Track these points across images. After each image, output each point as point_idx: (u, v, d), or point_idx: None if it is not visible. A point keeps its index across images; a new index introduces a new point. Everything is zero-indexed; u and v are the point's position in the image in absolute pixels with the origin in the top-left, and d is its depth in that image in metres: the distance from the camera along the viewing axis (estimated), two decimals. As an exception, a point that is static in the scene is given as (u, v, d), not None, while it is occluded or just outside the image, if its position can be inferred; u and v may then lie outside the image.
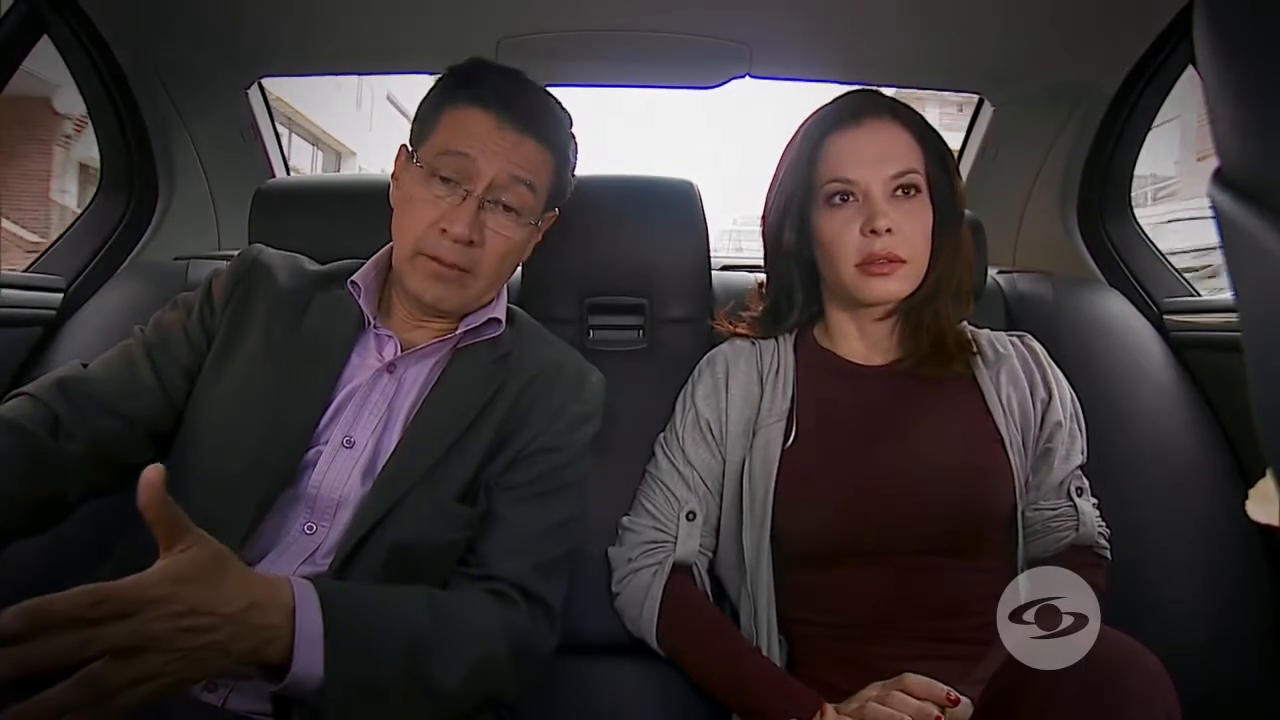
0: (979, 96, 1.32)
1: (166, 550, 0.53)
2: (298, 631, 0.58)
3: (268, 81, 1.34)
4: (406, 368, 0.80)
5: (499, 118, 0.77)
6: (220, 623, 0.54)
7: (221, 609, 0.54)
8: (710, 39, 1.13)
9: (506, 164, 0.77)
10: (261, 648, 0.57)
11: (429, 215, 0.76)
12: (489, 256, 0.78)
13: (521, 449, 0.79)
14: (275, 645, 0.57)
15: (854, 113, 0.85)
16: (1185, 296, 1.17)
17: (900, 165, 0.83)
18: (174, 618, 0.51)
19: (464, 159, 0.76)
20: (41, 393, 0.72)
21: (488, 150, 0.76)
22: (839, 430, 0.86)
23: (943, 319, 0.86)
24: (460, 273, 0.77)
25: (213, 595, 0.54)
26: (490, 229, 0.77)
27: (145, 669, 0.50)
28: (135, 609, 0.50)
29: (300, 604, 0.59)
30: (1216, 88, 0.26)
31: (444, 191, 0.76)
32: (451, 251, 0.76)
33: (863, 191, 0.83)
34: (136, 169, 1.23)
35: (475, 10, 1.08)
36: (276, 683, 0.58)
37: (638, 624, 0.87)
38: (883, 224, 0.81)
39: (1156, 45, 1.07)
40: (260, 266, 0.84)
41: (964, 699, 0.68)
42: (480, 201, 0.76)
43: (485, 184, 0.76)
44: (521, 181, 0.78)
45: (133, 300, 1.09)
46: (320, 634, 0.59)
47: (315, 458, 0.75)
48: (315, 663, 0.58)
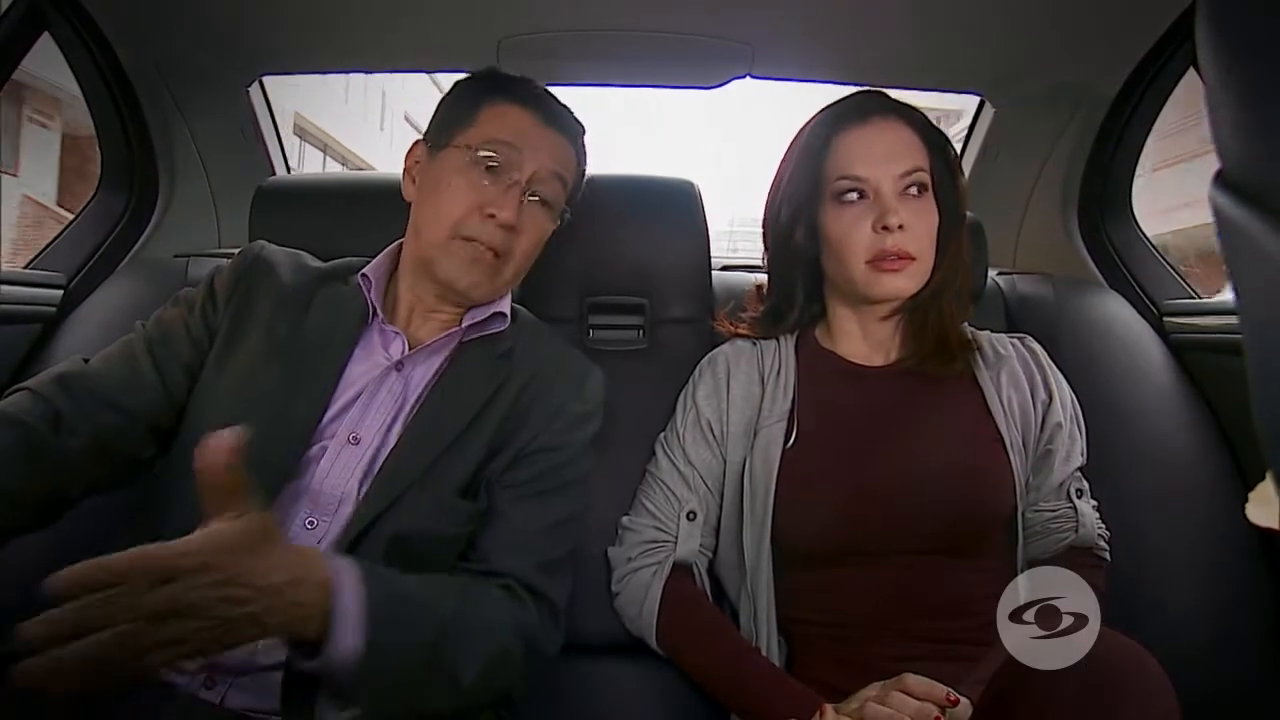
0: (979, 98, 1.32)
1: (214, 515, 0.53)
2: (336, 609, 0.58)
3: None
4: (414, 366, 0.81)
5: (541, 117, 0.82)
6: (256, 595, 0.53)
7: (259, 581, 0.54)
8: (711, 39, 1.13)
9: (548, 159, 0.81)
10: (297, 623, 0.57)
11: (472, 200, 0.78)
12: (523, 245, 0.81)
13: (523, 447, 0.79)
14: (311, 622, 0.57)
15: (861, 111, 0.86)
16: (1185, 299, 1.17)
17: (909, 163, 0.84)
18: (213, 586, 0.51)
19: (511, 149, 0.79)
20: (42, 388, 0.72)
21: (532, 144, 0.80)
22: (840, 431, 0.86)
23: (946, 318, 0.87)
24: (496, 258, 0.79)
25: (252, 567, 0.53)
26: (527, 217, 0.80)
27: (178, 633, 0.50)
28: (176, 574, 0.50)
29: (339, 582, 0.59)
30: (1218, 89, 0.26)
31: (488, 179, 0.79)
32: (494, 235, 0.78)
33: (873, 189, 0.83)
34: (137, 166, 1.23)
35: (476, 10, 1.08)
36: (309, 659, 0.58)
37: (637, 624, 0.87)
38: (894, 220, 0.82)
39: (1158, 47, 1.07)
40: (263, 263, 0.84)
41: (963, 699, 0.68)
42: (524, 190, 0.79)
43: (529, 174, 0.79)
44: (558, 177, 0.82)
45: (133, 297, 1.09)
46: (359, 613, 0.59)
47: (319, 453, 0.75)
48: (352, 642, 0.58)
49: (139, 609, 0.48)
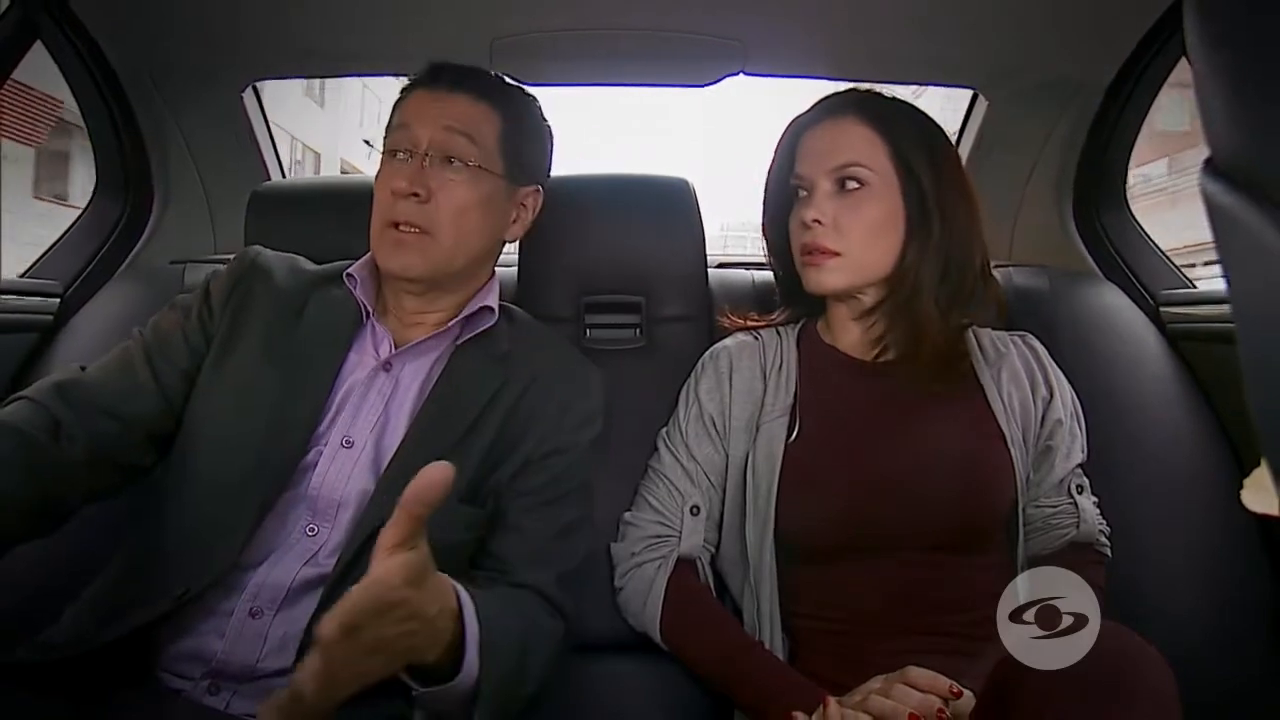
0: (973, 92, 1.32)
1: (399, 547, 0.52)
2: (467, 637, 0.59)
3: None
4: (403, 365, 0.80)
5: (429, 87, 0.82)
6: (423, 626, 0.54)
7: (426, 611, 0.54)
8: (705, 36, 1.13)
9: (440, 119, 0.80)
10: (432, 650, 0.57)
11: (384, 187, 0.80)
12: (444, 212, 0.79)
13: (531, 453, 0.79)
14: (439, 649, 0.58)
15: (821, 112, 0.89)
16: (1181, 289, 1.17)
17: (842, 159, 0.84)
18: (400, 620, 0.52)
19: (404, 130, 0.81)
20: (41, 396, 0.72)
21: (422, 115, 0.81)
22: (842, 426, 0.86)
23: (923, 321, 0.84)
24: (419, 234, 0.78)
25: (424, 599, 0.54)
26: (436, 183, 0.79)
27: (367, 669, 0.51)
28: (388, 610, 0.51)
29: (465, 612, 0.60)
30: (1207, 77, 0.26)
31: (396, 165, 0.80)
32: (404, 211, 0.78)
33: (809, 185, 0.86)
34: (132, 173, 1.23)
35: (468, 11, 1.08)
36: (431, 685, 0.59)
37: (641, 619, 0.87)
38: (810, 215, 0.84)
39: (1149, 38, 1.07)
40: (258, 268, 0.84)
41: (966, 692, 0.68)
42: (422, 159, 0.79)
43: (425, 144, 0.79)
44: (458, 133, 0.80)
45: (129, 304, 1.09)
46: (477, 639, 0.60)
47: (316, 458, 0.75)
48: (471, 670, 0.60)
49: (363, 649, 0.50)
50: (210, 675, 0.69)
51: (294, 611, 0.70)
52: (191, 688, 0.69)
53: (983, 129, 1.29)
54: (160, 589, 0.69)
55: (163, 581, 0.69)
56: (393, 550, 0.52)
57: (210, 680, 0.69)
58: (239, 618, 0.70)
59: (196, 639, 0.69)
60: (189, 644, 0.69)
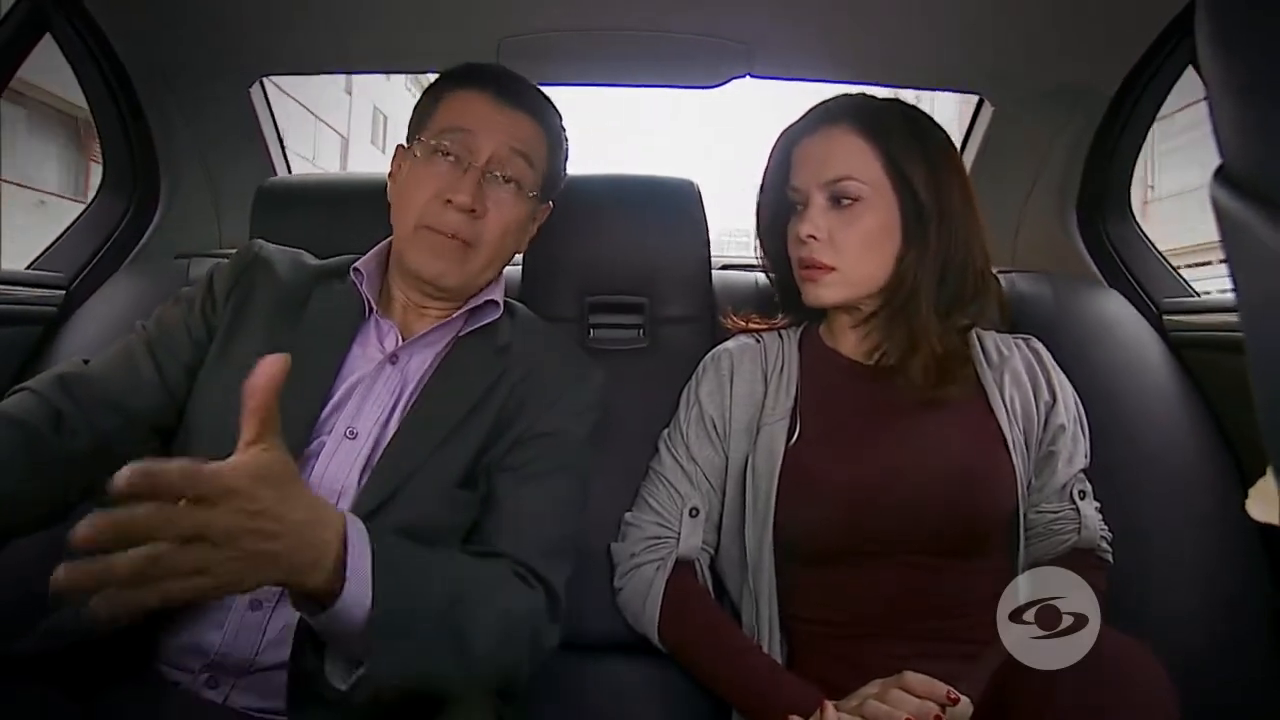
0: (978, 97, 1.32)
1: (250, 444, 0.51)
2: (349, 559, 0.55)
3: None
4: (409, 358, 0.81)
5: (496, 97, 0.81)
6: (283, 531, 0.51)
7: (289, 516, 0.51)
8: (711, 38, 1.13)
9: (505, 137, 0.80)
10: (312, 567, 0.54)
11: (431, 188, 0.78)
12: (490, 229, 0.80)
13: (523, 433, 0.79)
14: (323, 568, 0.54)
15: (815, 121, 0.88)
16: (1184, 297, 1.17)
17: (835, 172, 0.83)
18: (247, 515, 0.49)
19: (465, 134, 0.79)
20: (43, 389, 0.72)
21: (487, 125, 0.79)
22: (843, 429, 0.86)
23: (920, 327, 0.83)
24: (463, 245, 0.79)
25: (283, 500, 0.51)
26: (491, 201, 0.79)
27: (204, 560, 0.47)
28: (215, 496, 0.48)
29: (351, 531, 0.56)
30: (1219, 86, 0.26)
31: (446, 167, 0.79)
32: (455, 222, 0.78)
33: (804, 198, 0.85)
34: (138, 166, 1.23)
35: (477, 10, 1.08)
36: (318, 611, 0.56)
37: (639, 619, 0.87)
38: (805, 230, 0.84)
39: (1156, 45, 1.07)
40: (261, 261, 0.84)
41: (964, 698, 0.68)
42: (482, 173, 0.78)
43: (486, 156, 0.79)
44: (519, 154, 0.81)
45: (134, 298, 1.09)
46: (368, 564, 0.56)
47: (318, 449, 0.75)
48: (361, 595, 0.55)
49: (174, 528, 0.46)
50: (209, 669, 0.69)
51: None
52: (190, 680, 0.69)
53: (988, 134, 1.29)
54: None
55: None
56: (243, 450, 0.51)
57: (209, 674, 0.69)
58: (238, 610, 0.70)
59: (196, 632, 0.69)
60: (188, 637, 0.69)
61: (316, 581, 0.54)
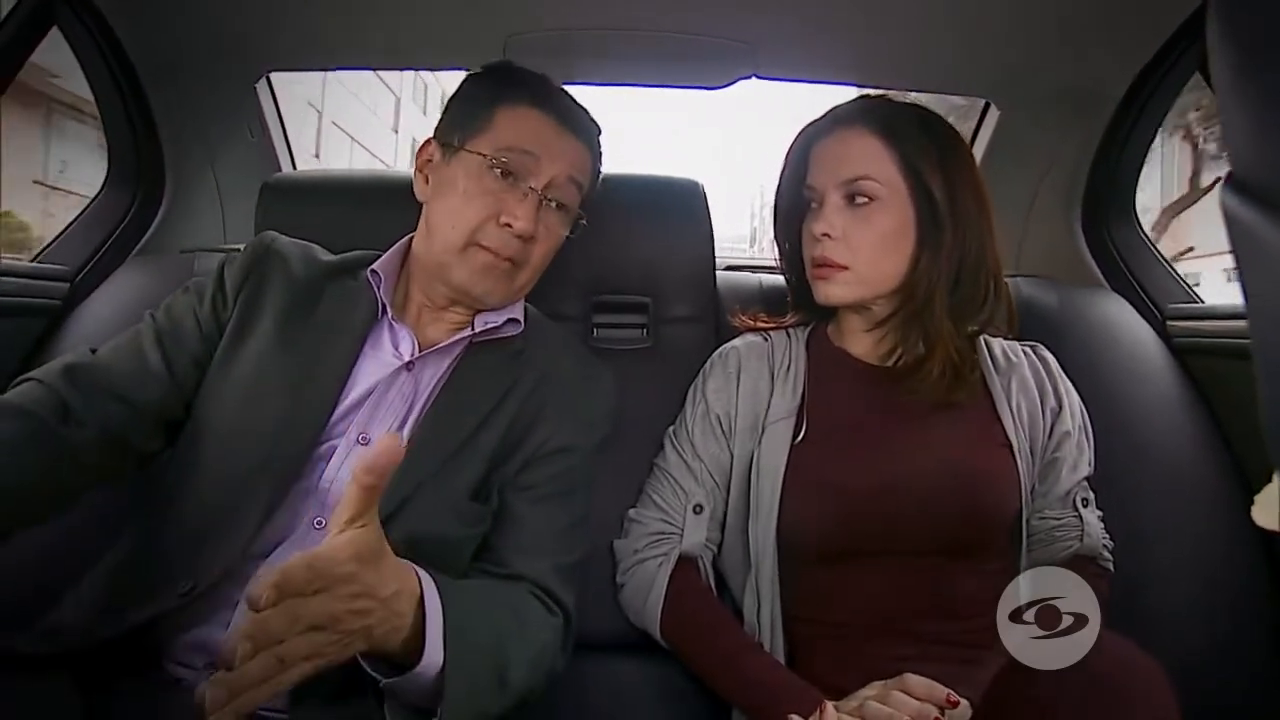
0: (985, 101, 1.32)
1: (350, 523, 0.51)
2: (427, 625, 0.57)
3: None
4: (425, 366, 0.80)
5: (558, 120, 0.81)
6: (377, 606, 0.53)
7: (380, 592, 0.53)
8: (718, 39, 1.13)
9: (565, 165, 0.80)
10: (395, 634, 0.56)
11: (488, 207, 0.77)
12: (539, 252, 0.81)
13: (537, 449, 0.79)
14: (403, 635, 0.56)
15: (831, 122, 0.88)
16: (1189, 303, 1.17)
17: (852, 172, 0.83)
18: (350, 598, 0.50)
19: (529, 157, 0.78)
20: (49, 378, 0.72)
21: (551, 151, 0.79)
22: (848, 429, 0.86)
23: (935, 331, 0.83)
24: (512, 265, 0.79)
25: (378, 578, 0.53)
26: (543, 225, 0.79)
27: (315, 646, 0.49)
28: (329, 585, 0.49)
29: (426, 594, 0.58)
30: (1229, 93, 0.26)
31: (501, 186, 0.78)
32: (509, 245, 0.78)
33: (820, 197, 0.85)
34: (144, 160, 1.23)
35: (483, 7, 1.08)
36: (393, 673, 0.57)
37: (641, 615, 0.88)
38: (820, 228, 0.84)
39: (1163, 51, 1.07)
40: (274, 255, 0.83)
41: (963, 701, 0.68)
42: (540, 199, 0.78)
43: (546, 181, 0.79)
44: (574, 182, 0.82)
45: (138, 292, 1.09)
46: (440, 627, 0.58)
47: (329, 452, 0.75)
48: (436, 659, 0.57)
49: (300, 625, 0.48)
50: (214, 666, 0.68)
51: None
52: (194, 678, 0.68)
53: (994, 138, 1.29)
54: (166, 584, 0.68)
55: (168, 576, 0.68)
56: (344, 527, 0.51)
57: (213, 671, 0.69)
58: (243, 609, 0.69)
59: (201, 630, 0.69)
60: (194, 635, 0.69)
61: (394, 647, 0.56)
